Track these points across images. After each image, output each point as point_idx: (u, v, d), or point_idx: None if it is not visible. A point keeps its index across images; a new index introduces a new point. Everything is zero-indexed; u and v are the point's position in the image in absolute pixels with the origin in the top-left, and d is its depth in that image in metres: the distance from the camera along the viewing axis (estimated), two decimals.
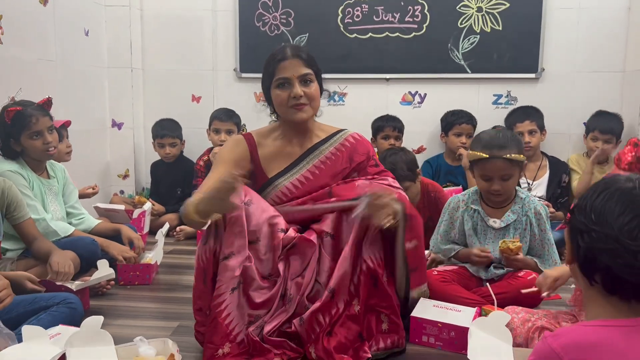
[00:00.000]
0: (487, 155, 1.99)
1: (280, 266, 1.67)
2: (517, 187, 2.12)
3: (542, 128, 3.26)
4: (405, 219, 1.66)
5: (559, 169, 3.25)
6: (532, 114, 3.28)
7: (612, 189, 0.96)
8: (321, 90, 1.87)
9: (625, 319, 0.91)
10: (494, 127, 2.17)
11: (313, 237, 1.70)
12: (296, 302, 1.63)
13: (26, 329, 1.44)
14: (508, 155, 1.96)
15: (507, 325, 1.56)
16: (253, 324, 1.62)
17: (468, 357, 1.49)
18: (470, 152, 2.08)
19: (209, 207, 1.55)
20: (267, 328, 1.60)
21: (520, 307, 1.72)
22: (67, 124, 2.88)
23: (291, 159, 1.87)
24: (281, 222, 1.73)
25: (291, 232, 1.72)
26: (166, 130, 3.52)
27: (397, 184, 1.87)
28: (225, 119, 3.40)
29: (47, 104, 2.36)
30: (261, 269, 1.67)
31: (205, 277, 1.66)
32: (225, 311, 1.59)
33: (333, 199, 1.75)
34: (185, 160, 3.62)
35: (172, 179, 3.57)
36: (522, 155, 1.99)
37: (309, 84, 1.80)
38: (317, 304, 1.61)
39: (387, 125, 3.35)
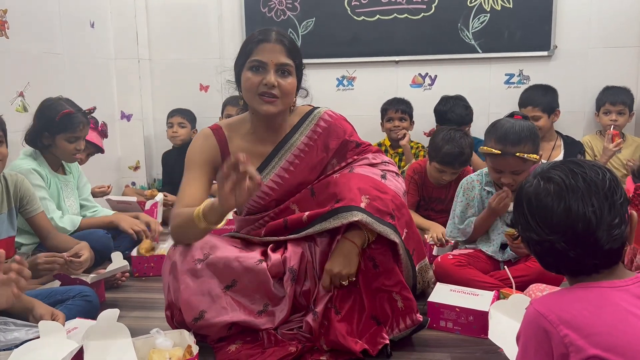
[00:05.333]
0: (499, 152, 1.95)
1: (289, 288, 1.61)
2: None
3: (549, 109, 3.17)
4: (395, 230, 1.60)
5: (573, 149, 3.19)
6: (537, 99, 3.15)
7: (521, 198, 1.05)
8: (298, 86, 1.69)
9: (601, 281, 0.98)
10: (512, 114, 2.09)
11: (298, 251, 1.64)
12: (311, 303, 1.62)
13: (43, 324, 1.44)
14: (520, 154, 1.92)
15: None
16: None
17: (489, 337, 1.47)
18: (483, 147, 2.03)
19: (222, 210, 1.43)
20: (280, 328, 1.62)
21: (544, 285, 1.69)
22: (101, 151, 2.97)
23: (262, 157, 1.72)
24: (253, 256, 1.62)
25: (274, 257, 1.63)
26: (175, 111, 3.54)
27: (379, 159, 1.77)
28: (238, 105, 3.35)
29: (91, 112, 2.45)
30: (253, 305, 1.61)
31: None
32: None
33: (305, 215, 1.64)
34: None
35: (182, 167, 3.54)
36: (536, 155, 1.94)
37: (286, 76, 1.61)
38: (326, 297, 1.60)
39: (390, 108, 3.31)
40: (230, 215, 2.05)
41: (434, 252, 2.33)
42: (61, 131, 2.29)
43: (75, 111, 2.31)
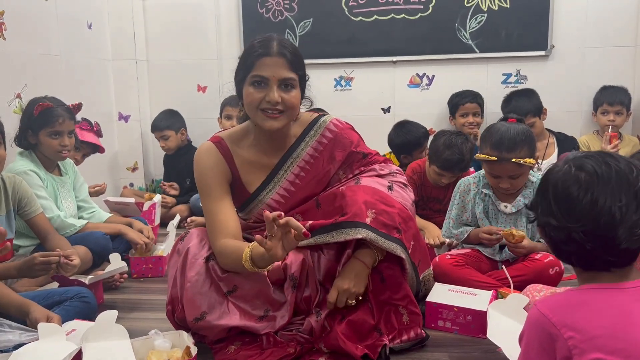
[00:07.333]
0: (495, 158, 1.94)
1: (290, 295, 1.59)
2: None
3: (539, 112, 3.17)
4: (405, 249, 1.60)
5: (567, 145, 3.19)
6: (525, 106, 3.13)
7: (547, 181, 1.02)
8: (302, 96, 1.64)
9: (608, 283, 0.96)
10: (506, 117, 2.08)
11: (299, 257, 1.61)
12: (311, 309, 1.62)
13: (42, 326, 1.44)
14: (516, 160, 1.92)
15: (528, 305, 1.54)
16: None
17: (488, 337, 1.48)
18: (478, 154, 2.03)
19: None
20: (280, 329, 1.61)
21: (542, 285, 1.69)
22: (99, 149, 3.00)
23: (268, 169, 1.68)
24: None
25: (275, 263, 1.57)
26: (155, 126, 3.54)
27: (387, 169, 1.74)
28: (237, 105, 3.35)
29: (76, 108, 2.42)
30: (254, 311, 1.59)
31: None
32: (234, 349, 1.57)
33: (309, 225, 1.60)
34: (193, 149, 3.59)
35: (180, 169, 3.56)
36: (532, 160, 1.94)
37: (290, 89, 1.55)
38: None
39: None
40: None
41: None
42: (42, 127, 2.27)
43: (54, 105, 2.29)
